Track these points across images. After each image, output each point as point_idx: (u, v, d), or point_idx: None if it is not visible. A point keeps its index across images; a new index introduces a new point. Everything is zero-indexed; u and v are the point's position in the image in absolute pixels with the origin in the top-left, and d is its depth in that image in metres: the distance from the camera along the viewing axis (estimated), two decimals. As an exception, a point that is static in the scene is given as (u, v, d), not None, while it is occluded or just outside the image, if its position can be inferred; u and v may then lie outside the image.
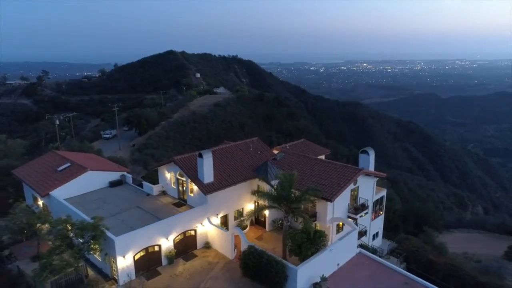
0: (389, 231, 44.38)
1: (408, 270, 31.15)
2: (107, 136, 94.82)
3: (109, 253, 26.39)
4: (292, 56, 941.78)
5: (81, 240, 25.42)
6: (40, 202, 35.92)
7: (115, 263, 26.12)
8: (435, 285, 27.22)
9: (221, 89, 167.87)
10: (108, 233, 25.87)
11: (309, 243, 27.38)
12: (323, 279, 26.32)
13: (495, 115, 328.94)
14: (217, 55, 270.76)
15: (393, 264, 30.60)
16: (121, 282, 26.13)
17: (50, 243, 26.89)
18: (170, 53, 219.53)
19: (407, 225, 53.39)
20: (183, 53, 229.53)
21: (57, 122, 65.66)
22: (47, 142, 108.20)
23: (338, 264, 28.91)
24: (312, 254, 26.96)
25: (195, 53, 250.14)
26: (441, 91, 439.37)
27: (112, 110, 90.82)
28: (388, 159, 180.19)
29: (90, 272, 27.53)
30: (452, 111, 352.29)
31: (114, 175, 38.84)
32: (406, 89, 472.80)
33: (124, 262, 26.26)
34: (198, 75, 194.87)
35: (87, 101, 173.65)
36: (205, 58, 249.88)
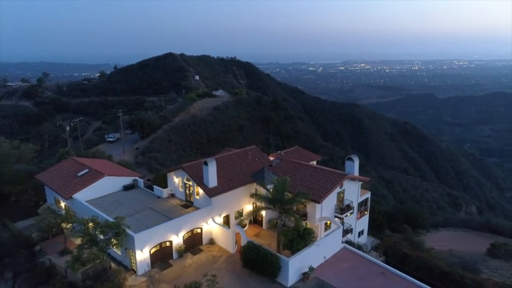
0: (375, 229, 48.85)
1: (386, 262, 35.57)
2: (111, 139, 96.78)
3: (129, 247, 30.82)
4: (290, 57, 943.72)
5: (102, 237, 29.68)
6: (63, 204, 40.21)
7: (134, 256, 30.56)
8: (407, 274, 31.73)
9: (220, 92, 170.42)
10: (129, 231, 30.20)
11: (299, 238, 31.91)
12: (311, 269, 30.81)
13: (491, 115, 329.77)
14: (215, 57, 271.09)
15: (373, 257, 35.11)
16: (140, 272, 30.60)
17: (77, 239, 31.21)
18: (169, 55, 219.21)
19: (397, 224, 57.00)
20: (182, 55, 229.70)
21: (68, 128, 69.56)
22: (50, 145, 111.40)
23: (324, 257, 33.32)
24: (302, 248, 31.37)
25: (194, 55, 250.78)
26: (439, 91, 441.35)
27: (117, 116, 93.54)
28: (384, 160, 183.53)
29: (113, 264, 31.92)
30: (449, 111, 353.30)
31: (127, 180, 43.00)
32: (403, 89, 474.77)
33: (142, 255, 30.72)
34: (197, 77, 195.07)
35: (87, 103, 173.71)
36: (204, 60, 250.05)
